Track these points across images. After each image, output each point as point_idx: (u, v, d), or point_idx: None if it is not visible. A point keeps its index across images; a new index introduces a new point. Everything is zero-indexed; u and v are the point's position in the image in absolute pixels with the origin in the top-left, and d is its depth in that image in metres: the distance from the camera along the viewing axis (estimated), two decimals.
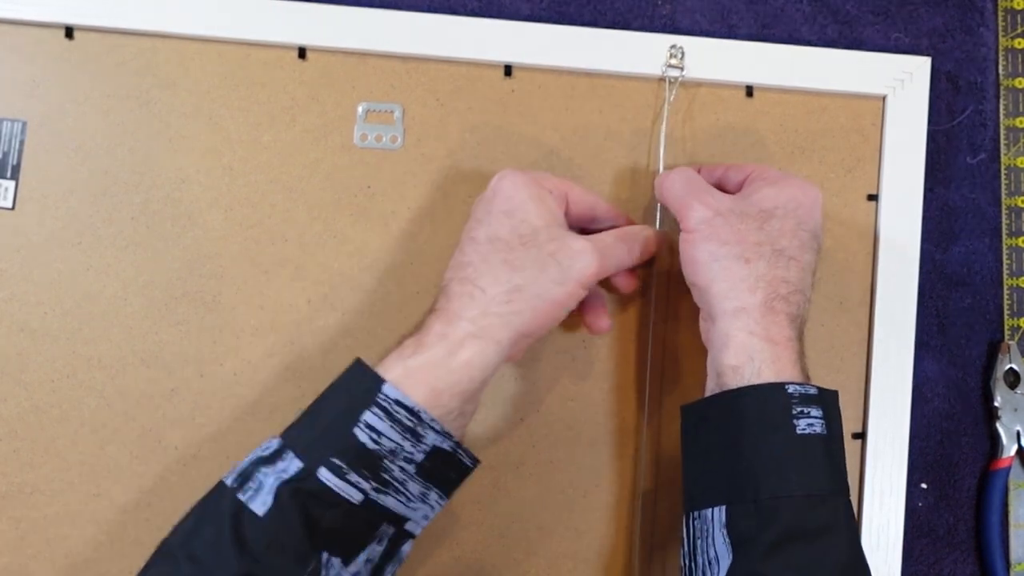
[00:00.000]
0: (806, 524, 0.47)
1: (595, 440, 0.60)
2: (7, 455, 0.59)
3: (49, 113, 0.60)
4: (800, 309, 0.51)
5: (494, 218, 0.51)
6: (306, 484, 0.46)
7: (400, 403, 0.47)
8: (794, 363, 0.50)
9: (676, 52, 0.61)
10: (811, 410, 0.48)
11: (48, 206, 0.60)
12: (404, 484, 0.48)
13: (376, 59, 0.61)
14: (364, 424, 0.47)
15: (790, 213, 0.52)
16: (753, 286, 0.50)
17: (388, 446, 0.47)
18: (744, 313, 0.50)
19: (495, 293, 0.49)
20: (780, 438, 0.48)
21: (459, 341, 0.48)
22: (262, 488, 0.46)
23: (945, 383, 0.63)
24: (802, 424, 0.48)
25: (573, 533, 0.60)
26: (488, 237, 0.51)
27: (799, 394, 0.48)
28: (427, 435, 0.48)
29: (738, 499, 0.48)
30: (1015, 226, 0.63)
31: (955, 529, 0.62)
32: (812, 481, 0.48)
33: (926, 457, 0.62)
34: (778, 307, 0.50)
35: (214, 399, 0.59)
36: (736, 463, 0.49)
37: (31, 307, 0.59)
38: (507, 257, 0.50)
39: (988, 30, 0.64)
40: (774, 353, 0.49)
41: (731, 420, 0.49)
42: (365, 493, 0.47)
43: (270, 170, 0.60)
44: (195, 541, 0.46)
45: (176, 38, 0.61)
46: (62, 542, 0.59)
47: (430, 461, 0.48)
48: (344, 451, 0.47)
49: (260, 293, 0.60)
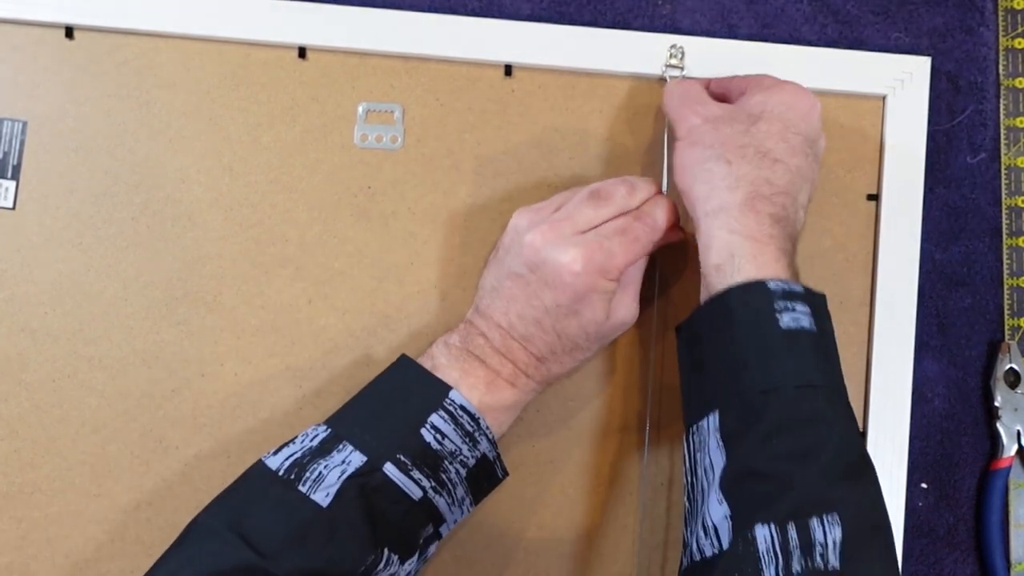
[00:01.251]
0: (796, 414, 0.46)
1: (595, 439, 0.60)
2: (8, 455, 0.59)
3: (50, 113, 0.60)
4: (787, 212, 0.50)
5: (559, 312, 0.52)
6: (372, 479, 0.48)
7: (464, 408, 0.51)
8: (776, 259, 0.49)
9: (676, 52, 0.61)
10: (796, 305, 0.48)
11: (49, 206, 0.60)
12: (455, 487, 0.51)
13: (376, 59, 0.61)
14: (430, 425, 0.50)
15: (778, 117, 0.52)
16: (733, 185, 0.50)
17: (449, 448, 0.50)
18: (724, 211, 0.50)
19: (558, 372, 0.55)
20: (764, 333, 0.47)
21: (527, 392, 0.54)
22: (323, 479, 0.48)
23: (945, 383, 0.63)
24: (786, 319, 0.47)
25: (573, 533, 0.60)
26: (555, 331, 0.53)
27: (782, 290, 0.48)
28: (481, 441, 0.51)
29: (728, 401, 0.47)
30: (1015, 226, 0.63)
31: (955, 529, 0.62)
32: (800, 373, 0.47)
33: (926, 457, 0.62)
34: (759, 206, 0.50)
35: (215, 399, 0.59)
36: (724, 365, 0.48)
37: (32, 307, 0.59)
38: (574, 353, 0.54)
39: (988, 30, 0.64)
40: (755, 249, 0.49)
41: (717, 325, 0.49)
42: (424, 491, 0.49)
43: (270, 170, 0.60)
44: (249, 525, 0.46)
45: (176, 38, 0.61)
46: (63, 541, 0.59)
47: (477, 467, 0.51)
48: (410, 449, 0.49)
49: (261, 293, 0.60)
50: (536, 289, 0.52)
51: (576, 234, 0.52)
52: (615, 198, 0.53)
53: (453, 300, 0.60)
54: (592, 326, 0.53)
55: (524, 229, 0.53)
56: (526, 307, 0.52)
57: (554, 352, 0.53)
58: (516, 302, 0.53)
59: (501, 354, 0.53)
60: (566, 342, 0.53)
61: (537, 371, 0.54)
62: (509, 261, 0.53)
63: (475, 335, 0.53)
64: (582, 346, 0.54)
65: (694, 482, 0.49)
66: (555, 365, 0.54)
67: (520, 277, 0.52)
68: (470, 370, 0.52)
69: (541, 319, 0.52)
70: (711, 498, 0.46)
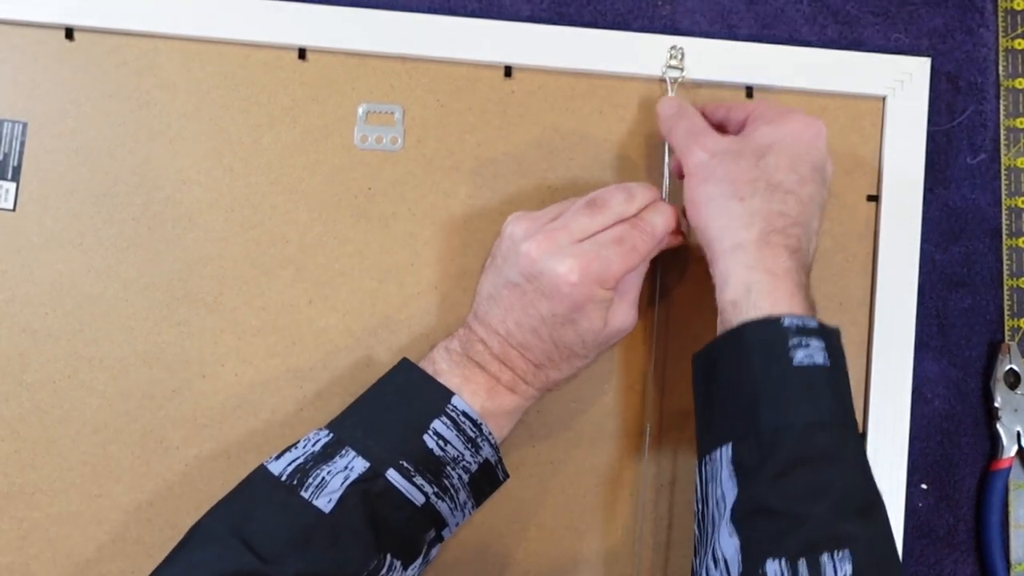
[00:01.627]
0: (808, 452, 0.46)
1: (595, 440, 0.60)
2: (9, 455, 0.59)
3: (50, 114, 0.60)
4: (801, 242, 0.51)
5: (556, 321, 0.52)
6: (374, 485, 0.48)
7: (467, 415, 0.51)
8: (792, 294, 0.49)
9: (676, 53, 0.61)
10: (810, 341, 0.48)
11: (49, 207, 0.60)
12: (458, 492, 0.51)
13: (376, 60, 0.61)
14: (433, 431, 0.50)
15: (786, 148, 0.52)
16: (748, 222, 0.50)
17: (451, 454, 0.50)
18: (741, 249, 0.50)
19: (557, 378, 0.55)
20: (778, 370, 0.48)
21: (527, 398, 0.55)
22: (326, 486, 0.48)
23: (945, 383, 0.63)
24: (799, 355, 0.48)
25: (573, 533, 0.60)
26: (552, 339, 0.53)
27: (796, 326, 0.48)
28: (484, 447, 0.52)
29: (742, 435, 0.48)
30: (1015, 227, 0.63)
31: (955, 529, 0.62)
32: (813, 411, 0.47)
33: (926, 457, 0.62)
34: (775, 240, 0.50)
35: (215, 399, 0.59)
36: (739, 400, 0.49)
37: (32, 308, 0.60)
38: (572, 360, 0.54)
39: (988, 31, 0.64)
40: (771, 285, 0.49)
41: (733, 359, 0.49)
42: (427, 496, 0.49)
43: (271, 171, 0.60)
44: (251, 530, 0.46)
45: (177, 39, 0.61)
46: (64, 542, 0.59)
47: (479, 471, 0.52)
48: (413, 455, 0.49)
49: (261, 294, 0.60)
50: (533, 299, 0.52)
51: (573, 243, 0.51)
52: (612, 206, 0.53)
53: (453, 301, 0.60)
54: (589, 335, 0.53)
55: (520, 238, 0.52)
56: (523, 316, 0.52)
57: (552, 360, 0.53)
58: (513, 311, 0.53)
59: (500, 361, 0.53)
60: (563, 350, 0.53)
61: (536, 378, 0.54)
62: (506, 270, 0.53)
63: (475, 341, 0.53)
64: (580, 354, 0.54)
65: (704, 511, 0.49)
66: (553, 372, 0.54)
67: (517, 286, 0.52)
68: (471, 376, 0.52)
69: (538, 328, 0.52)
70: (722, 530, 0.47)
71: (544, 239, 0.51)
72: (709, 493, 0.49)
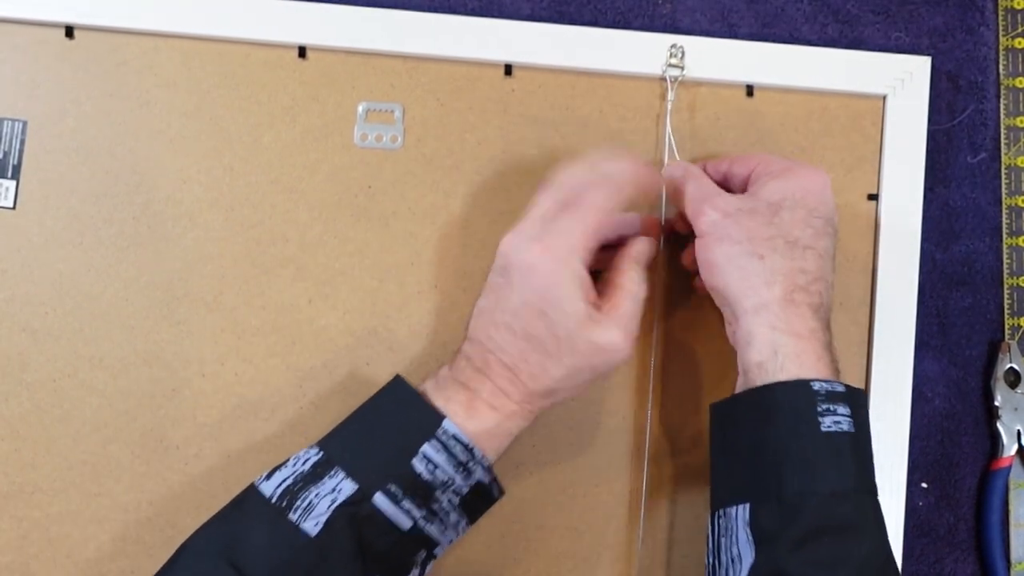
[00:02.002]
0: (830, 521, 0.46)
1: (595, 440, 0.60)
2: (9, 454, 0.59)
3: (50, 113, 0.60)
4: (823, 298, 0.51)
5: (527, 312, 0.49)
6: (361, 509, 0.47)
7: (457, 439, 0.49)
8: (819, 356, 0.49)
9: (676, 52, 0.60)
10: (837, 407, 0.48)
11: (49, 206, 0.60)
12: (448, 515, 0.50)
13: (376, 59, 0.61)
14: (423, 455, 0.49)
15: (799, 203, 0.52)
16: (770, 280, 0.50)
17: (441, 478, 0.49)
18: (765, 309, 0.50)
19: (537, 389, 0.51)
20: (805, 435, 0.47)
21: (508, 415, 0.51)
22: (313, 509, 0.47)
23: (945, 382, 0.63)
24: (827, 421, 0.48)
25: (573, 533, 0.60)
26: (525, 334, 0.50)
27: (825, 391, 0.48)
28: (476, 471, 0.50)
29: (762, 496, 0.48)
30: (1015, 225, 0.63)
31: (955, 529, 0.62)
32: (838, 479, 0.47)
33: (926, 457, 0.62)
34: (799, 299, 0.50)
35: (215, 399, 0.59)
36: (761, 460, 0.48)
37: (32, 307, 0.59)
38: (544, 363, 0.50)
39: (989, 29, 0.64)
40: (798, 347, 0.49)
41: (757, 418, 0.49)
42: (414, 520, 0.48)
43: (271, 170, 0.60)
44: (239, 552, 0.46)
45: (177, 38, 0.61)
46: (64, 541, 0.59)
47: (471, 494, 0.50)
48: (401, 479, 0.48)
49: (261, 293, 0.60)
50: (507, 292, 0.50)
51: (539, 229, 0.50)
52: (563, 178, 0.51)
53: (453, 300, 0.60)
54: (560, 328, 0.49)
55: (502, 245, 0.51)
56: (497, 313, 0.51)
57: (525, 360, 0.50)
58: (491, 312, 0.51)
59: (480, 372, 0.51)
60: (536, 346, 0.50)
61: (514, 388, 0.51)
62: (490, 278, 0.52)
63: (460, 359, 0.52)
64: (552, 353, 0.50)
65: (716, 565, 0.49)
66: (529, 380, 0.50)
67: (494, 286, 0.51)
68: (452, 396, 0.51)
69: (511, 323, 0.50)
70: None
71: (515, 233, 0.50)
72: (722, 548, 0.49)
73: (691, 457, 0.60)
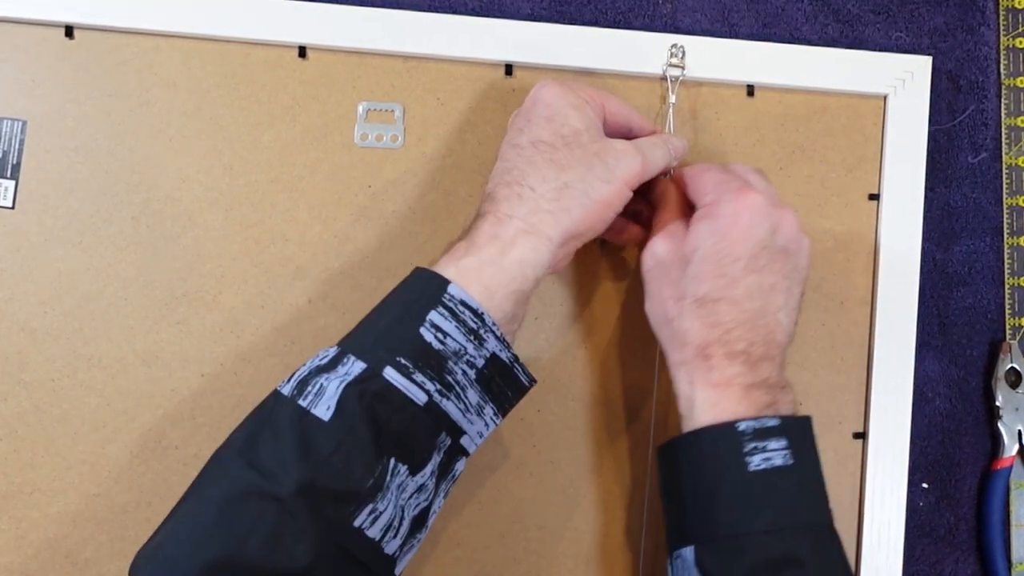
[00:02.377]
0: (771, 558, 0.46)
1: (595, 440, 0.60)
2: (8, 454, 0.59)
3: (49, 112, 0.60)
4: (749, 343, 0.50)
5: (535, 124, 0.51)
6: (372, 385, 0.46)
7: (465, 303, 0.47)
8: (739, 399, 0.49)
9: (677, 51, 0.60)
10: (768, 443, 0.48)
11: (48, 206, 0.60)
12: (465, 390, 0.48)
13: (376, 58, 0.61)
14: (430, 323, 0.47)
15: (709, 253, 0.51)
16: (682, 341, 0.51)
17: (452, 347, 0.47)
18: (683, 365, 0.51)
19: (544, 191, 0.49)
20: (732, 477, 0.48)
21: (511, 239, 0.49)
22: (324, 392, 0.46)
23: (946, 383, 0.62)
24: (756, 460, 0.48)
25: (573, 533, 0.60)
26: (531, 141, 0.51)
27: (753, 429, 0.48)
28: (488, 339, 0.48)
29: (704, 538, 0.48)
30: (1016, 225, 0.63)
31: (956, 529, 0.62)
32: (774, 516, 0.47)
33: (927, 457, 0.62)
34: (713, 351, 0.50)
35: (214, 399, 0.59)
36: (697, 503, 0.49)
37: (31, 307, 0.59)
38: (552, 157, 0.50)
39: (989, 29, 0.64)
40: (714, 397, 0.49)
41: (691, 461, 0.50)
42: (429, 394, 0.47)
43: (271, 169, 0.60)
44: (255, 450, 0.45)
45: (177, 38, 0.60)
46: (63, 541, 0.59)
47: (489, 368, 0.48)
48: (410, 351, 0.47)
49: (261, 293, 0.60)
50: (520, 124, 0.52)
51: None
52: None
53: None
54: (567, 129, 0.51)
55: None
56: (505, 146, 0.52)
57: (531, 163, 0.50)
58: (502, 150, 0.53)
59: (483, 213, 0.50)
60: (542, 148, 0.50)
61: (520, 203, 0.49)
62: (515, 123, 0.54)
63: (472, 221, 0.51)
64: (560, 151, 0.50)
65: None
66: (539, 182, 0.50)
67: (511, 127, 0.53)
68: (454, 248, 0.50)
69: (517, 139, 0.51)
70: None
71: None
72: None
73: None
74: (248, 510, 0.44)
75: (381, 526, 0.46)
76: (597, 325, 0.60)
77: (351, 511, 0.45)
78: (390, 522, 0.46)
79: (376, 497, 0.45)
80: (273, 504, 0.43)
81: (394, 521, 0.46)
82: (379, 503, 0.45)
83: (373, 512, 0.45)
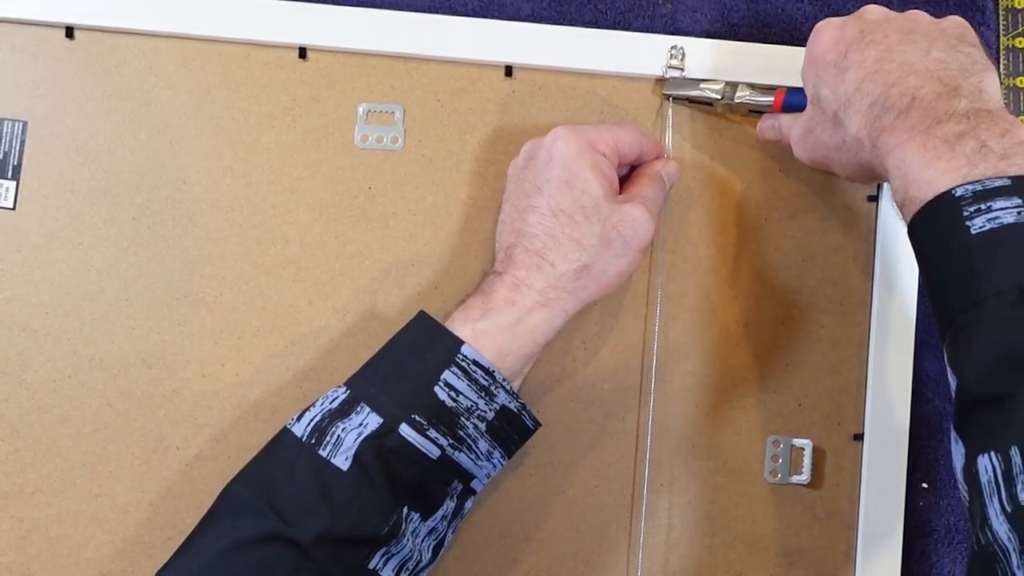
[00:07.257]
0: (1007, 324, 0.41)
1: (595, 440, 0.60)
2: (9, 455, 0.59)
3: (50, 113, 0.60)
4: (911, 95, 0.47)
5: (554, 188, 0.52)
6: (388, 440, 0.48)
7: (477, 363, 0.50)
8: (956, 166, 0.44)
9: (677, 52, 0.60)
10: (992, 203, 0.43)
11: (49, 207, 0.60)
12: (476, 442, 0.50)
13: (377, 59, 0.61)
14: (444, 383, 0.49)
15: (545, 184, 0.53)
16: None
17: (464, 404, 0.49)
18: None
19: (564, 270, 0.51)
20: (954, 248, 0.43)
21: (527, 309, 0.51)
22: (342, 443, 0.48)
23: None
24: (979, 222, 0.42)
25: (573, 533, 0.60)
26: (552, 209, 0.52)
27: (973, 193, 0.43)
28: (499, 394, 0.50)
29: (945, 330, 0.44)
30: None
31: (956, 529, 0.62)
32: (1003, 278, 0.42)
33: (926, 456, 0.62)
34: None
35: (215, 399, 0.59)
36: (933, 294, 0.46)
37: (32, 307, 0.59)
38: (573, 234, 0.52)
39: (989, 29, 0.64)
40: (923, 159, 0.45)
41: (916, 247, 0.47)
42: (442, 449, 0.49)
43: (271, 171, 0.60)
44: (275, 493, 0.47)
45: (177, 38, 0.61)
46: (64, 541, 0.59)
47: (498, 420, 0.50)
48: (425, 408, 0.49)
49: (261, 294, 0.60)
50: (532, 175, 0.53)
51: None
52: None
53: (453, 301, 0.60)
54: (587, 198, 0.51)
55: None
56: (523, 200, 0.53)
57: (553, 236, 0.51)
58: (515, 205, 0.53)
59: (499, 274, 0.52)
60: (564, 221, 0.51)
61: (539, 274, 0.51)
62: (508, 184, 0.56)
63: (486, 276, 0.53)
64: (580, 222, 0.51)
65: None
66: (559, 259, 0.51)
67: (515, 180, 0.54)
68: (469, 303, 0.52)
69: (536, 203, 0.52)
70: (952, 442, 0.44)
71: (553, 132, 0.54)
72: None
73: (691, 458, 0.60)
74: (268, 554, 0.46)
75: (394, 566, 0.48)
76: (595, 326, 0.60)
77: (366, 554, 0.47)
78: (403, 562, 0.49)
79: (391, 543, 0.48)
80: (292, 549, 0.46)
81: (408, 561, 0.49)
82: (392, 547, 0.48)
83: (386, 554, 0.48)
